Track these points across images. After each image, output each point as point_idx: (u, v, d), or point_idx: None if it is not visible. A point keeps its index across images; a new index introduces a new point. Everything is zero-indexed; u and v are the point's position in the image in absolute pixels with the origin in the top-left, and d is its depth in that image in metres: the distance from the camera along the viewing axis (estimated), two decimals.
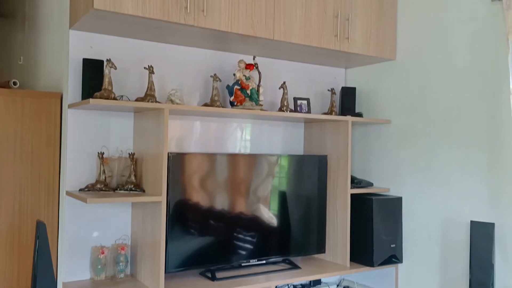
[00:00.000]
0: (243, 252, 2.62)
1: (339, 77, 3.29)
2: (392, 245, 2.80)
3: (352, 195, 2.84)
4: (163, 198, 2.19)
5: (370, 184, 2.96)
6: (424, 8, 2.81)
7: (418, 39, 2.84)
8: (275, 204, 2.74)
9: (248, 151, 2.90)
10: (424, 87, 2.80)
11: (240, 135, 2.88)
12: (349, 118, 2.79)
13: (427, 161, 2.76)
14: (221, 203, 2.54)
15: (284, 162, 2.77)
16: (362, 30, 2.84)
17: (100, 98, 2.13)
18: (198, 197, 2.46)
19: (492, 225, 2.32)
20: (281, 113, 2.59)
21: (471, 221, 2.39)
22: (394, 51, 2.97)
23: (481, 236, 2.33)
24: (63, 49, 2.43)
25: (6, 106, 2.29)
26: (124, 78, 2.48)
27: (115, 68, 2.20)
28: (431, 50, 2.76)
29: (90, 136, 2.39)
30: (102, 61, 2.32)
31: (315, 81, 3.18)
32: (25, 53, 3.56)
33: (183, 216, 2.41)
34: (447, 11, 2.68)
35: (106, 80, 2.17)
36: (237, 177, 2.59)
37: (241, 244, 2.61)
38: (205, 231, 2.49)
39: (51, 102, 2.40)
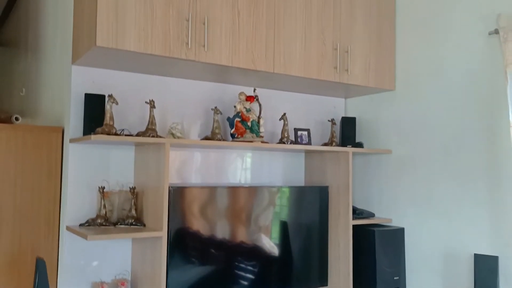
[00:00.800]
0: None
1: (339, 107, 3.31)
2: (396, 278, 2.76)
3: (354, 226, 2.82)
4: (163, 234, 2.17)
5: (371, 215, 2.94)
6: (422, 40, 2.84)
7: (417, 70, 2.87)
8: (277, 237, 2.72)
9: (248, 181, 2.90)
10: (423, 118, 2.81)
11: (241, 165, 2.88)
12: (349, 149, 2.80)
13: (428, 192, 2.75)
14: (222, 238, 2.52)
15: (285, 193, 2.76)
16: (361, 62, 2.87)
17: (102, 133, 2.14)
18: (199, 232, 2.44)
19: (495, 258, 2.30)
20: (281, 145, 2.60)
21: (475, 254, 2.37)
22: (393, 82, 2.99)
23: (485, 270, 2.31)
24: (65, 84, 2.45)
25: (7, 141, 2.29)
26: (125, 111, 2.50)
27: (117, 104, 2.21)
28: (430, 81, 2.78)
29: (91, 169, 2.39)
30: (103, 96, 2.34)
31: (315, 111, 3.20)
32: (27, 84, 3.59)
33: (184, 251, 2.39)
34: (445, 43, 2.72)
35: (107, 115, 2.18)
36: (239, 211, 2.58)
37: (243, 281, 2.58)
38: (207, 268, 2.46)
39: (52, 136, 2.40)
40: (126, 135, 2.33)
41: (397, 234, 2.82)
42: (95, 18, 2.03)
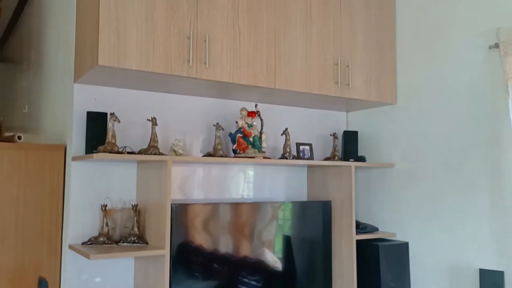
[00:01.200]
0: None
1: (341, 121, 3.31)
2: None
3: (358, 241, 2.81)
4: (166, 252, 2.16)
5: (375, 229, 2.93)
6: (423, 54, 2.85)
7: (418, 84, 2.87)
8: (280, 252, 2.70)
9: (251, 196, 2.89)
10: (425, 131, 2.81)
11: (243, 180, 2.88)
12: (352, 163, 2.79)
13: (432, 205, 2.73)
14: (226, 255, 2.51)
15: (288, 209, 2.75)
16: (362, 76, 2.87)
17: (104, 152, 2.14)
18: (202, 249, 2.43)
19: (501, 274, 2.28)
20: (284, 161, 2.60)
21: (480, 269, 2.35)
22: (394, 96, 2.99)
23: (491, 285, 2.28)
24: (67, 102, 2.46)
25: (10, 160, 2.29)
26: (127, 128, 2.50)
27: (119, 122, 2.22)
28: (431, 95, 2.78)
29: (93, 187, 2.39)
30: (105, 114, 2.34)
31: (317, 125, 3.20)
32: (30, 101, 3.60)
33: (187, 269, 2.37)
34: (445, 57, 2.72)
35: (109, 133, 2.19)
36: (242, 227, 2.57)
37: None
38: (210, 285, 2.45)
39: (54, 154, 2.41)
40: (128, 152, 2.33)
41: (401, 249, 2.80)
42: (97, 37, 2.05)
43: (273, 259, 2.68)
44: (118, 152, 2.19)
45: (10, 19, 4.48)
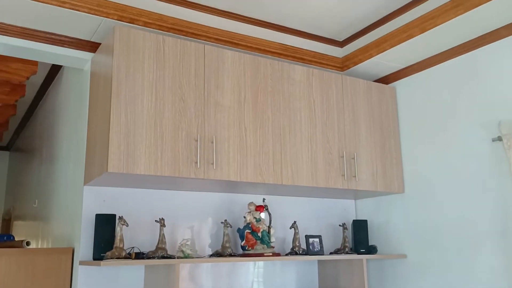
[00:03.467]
0: None
1: (349, 208, 3.29)
2: None
3: None
4: None
5: None
6: (427, 143, 2.88)
7: (424, 173, 2.87)
8: None
9: None
10: (436, 220, 2.77)
11: (253, 273, 2.81)
12: (363, 256, 2.73)
13: None
14: None
15: None
16: (368, 168, 2.89)
17: (111, 258, 2.13)
18: None
19: None
20: (293, 257, 2.56)
21: None
22: (401, 186, 2.99)
23: None
24: (77, 204, 2.49)
25: (17, 267, 2.28)
26: (136, 227, 2.49)
27: (127, 225, 2.22)
28: (439, 183, 2.78)
29: None
30: (114, 216, 2.35)
31: (326, 214, 3.17)
32: (40, 196, 3.64)
33: None
34: (449, 147, 2.74)
35: (117, 238, 2.18)
36: None
37: None
38: None
39: (62, 258, 2.39)
40: (136, 253, 2.31)
41: None
42: (107, 146, 2.11)
43: None
44: (125, 257, 2.17)
45: (25, 113, 4.66)
